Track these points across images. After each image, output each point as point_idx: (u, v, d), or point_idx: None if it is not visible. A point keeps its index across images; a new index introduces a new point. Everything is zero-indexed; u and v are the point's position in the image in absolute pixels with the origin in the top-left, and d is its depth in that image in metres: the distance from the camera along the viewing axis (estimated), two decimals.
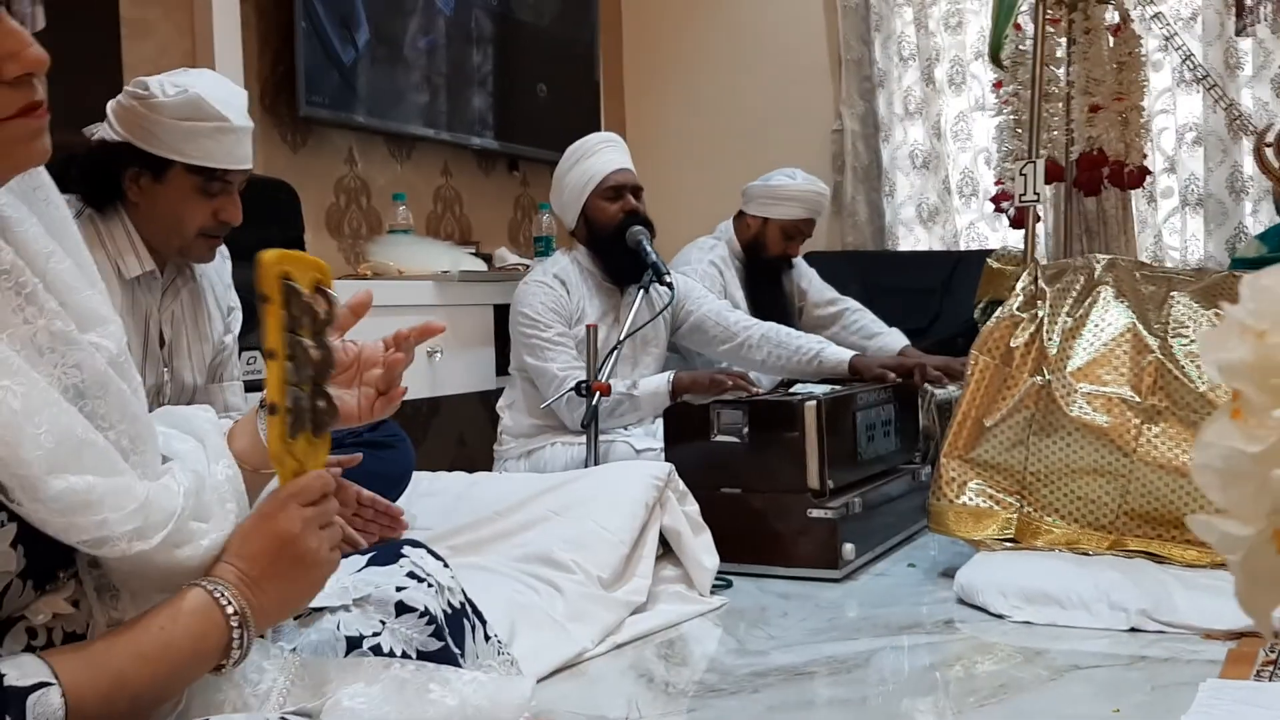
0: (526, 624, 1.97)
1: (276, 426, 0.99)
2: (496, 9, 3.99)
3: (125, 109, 1.94)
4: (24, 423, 0.82)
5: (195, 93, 1.91)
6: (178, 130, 1.91)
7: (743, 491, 2.60)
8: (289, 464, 1.00)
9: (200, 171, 1.94)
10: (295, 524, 0.97)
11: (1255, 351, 0.40)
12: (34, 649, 0.90)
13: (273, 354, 0.99)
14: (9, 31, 0.87)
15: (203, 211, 1.97)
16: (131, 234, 1.98)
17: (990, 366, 2.43)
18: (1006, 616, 2.16)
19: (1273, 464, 0.39)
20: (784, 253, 3.53)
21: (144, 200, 1.96)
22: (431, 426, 3.83)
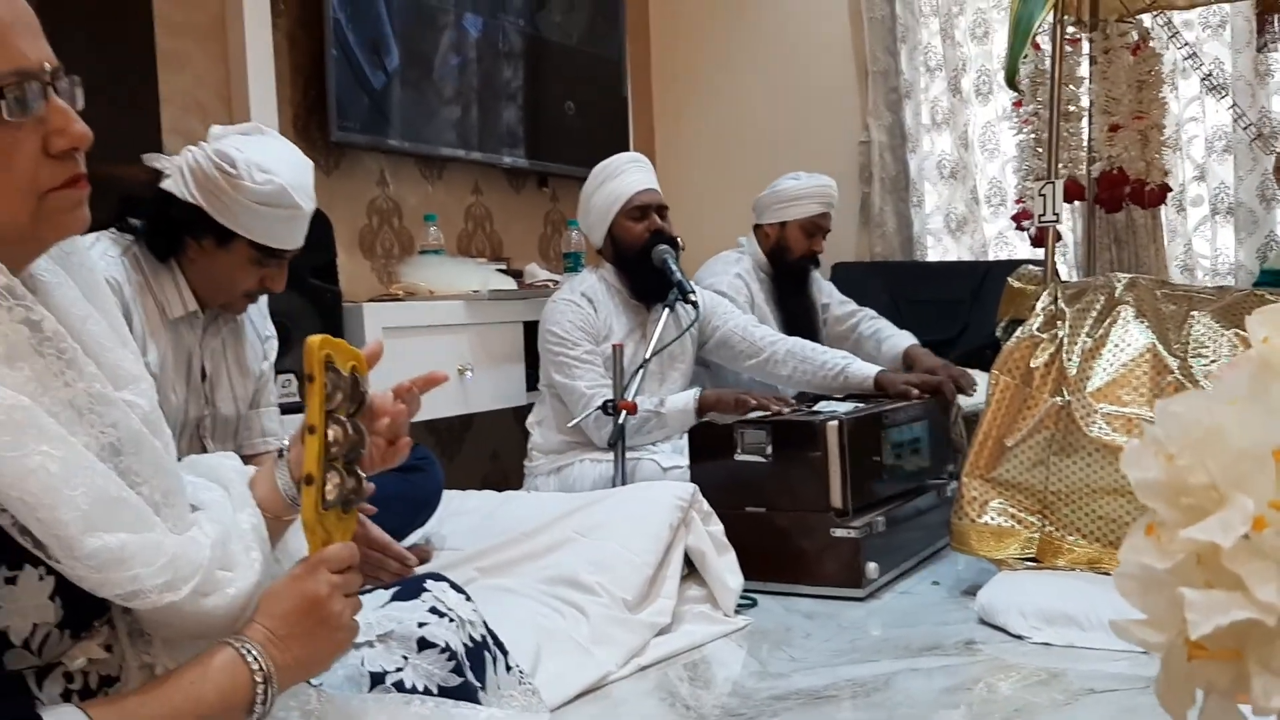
0: (551, 648, 2.01)
1: (311, 497, 1.05)
2: (524, 29, 4.05)
3: (206, 176, 1.96)
4: (61, 485, 0.87)
5: (281, 184, 1.96)
6: (254, 212, 1.97)
7: (767, 511, 2.63)
8: (319, 534, 1.06)
9: (262, 248, 2.01)
10: (323, 588, 1.03)
11: (1166, 472, 0.43)
12: (71, 693, 0.95)
13: (313, 429, 1.06)
14: (56, 110, 0.93)
15: (253, 278, 2.06)
16: (179, 280, 2.05)
17: (1011, 386, 2.45)
18: (1026, 637, 2.18)
19: (1182, 579, 0.43)
20: (808, 251, 3.56)
21: (201, 258, 2.03)
22: (464, 442, 3.89)
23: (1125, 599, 0.46)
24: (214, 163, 1.96)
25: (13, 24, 0.91)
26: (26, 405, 0.87)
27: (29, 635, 0.91)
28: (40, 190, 0.93)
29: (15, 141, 0.91)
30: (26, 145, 0.91)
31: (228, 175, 1.95)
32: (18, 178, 0.92)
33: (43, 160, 0.93)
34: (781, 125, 4.62)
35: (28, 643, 0.91)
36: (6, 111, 0.89)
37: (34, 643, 0.91)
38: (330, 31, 3.23)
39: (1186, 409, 0.45)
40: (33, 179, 0.92)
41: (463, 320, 3.29)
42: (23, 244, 0.95)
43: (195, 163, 1.98)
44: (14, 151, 0.91)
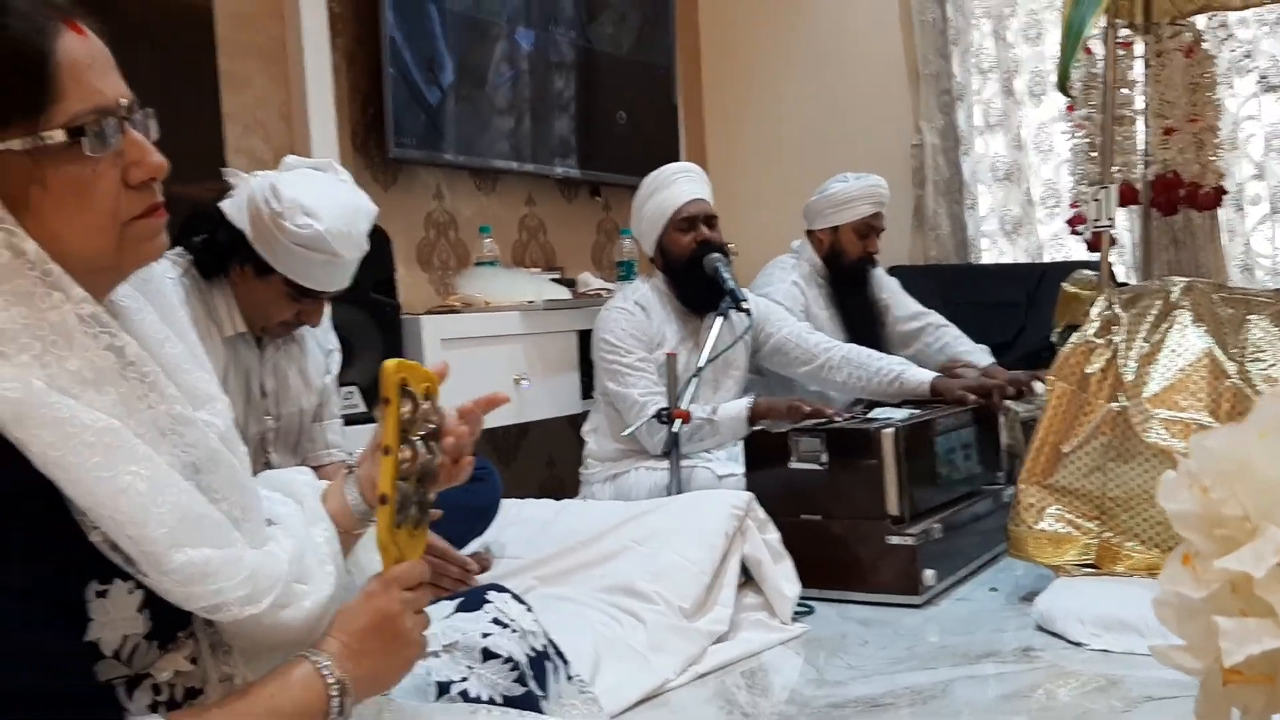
0: (610, 656, 2.05)
1: (385, 516, 1.09)
2: (575, 41, 4.09)
3: (257, 207, 1.99)
4: (149, 503, 0.92)
5: (319, 230, 1.97)
6: (292, 252, 2.00)
7: (823, 518, 2.64)
8: (391, 552, 1.09)
9: (297, 286, 2.05)
10: (395, 604, 1.07)
11: (1201, 505, 0.45)
12: (159, 704, 1.00)
13: (388, 450, 1.09)
14: (133, 142, 0.98)
15: (288, 310, 2.10)
16: (229, 300, 2.10)
17: (1067, 392, 2.44)
18: (1085, 644, 2.17)
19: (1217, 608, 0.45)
20: (864, 253, 3.55)
21: (242, 283, 2.09)
22: (521, 450, 3.94)
23: (1164, 626, 0.49)
24: (265, 194, 1.99)
25: (90, 64, 0.96)
26: (116, 428, 0.92)
27: (119, 646, 0.95)
28: (122, 220, 0.98)
29: (96, 175, 0.95)
30: (107, 178, 0.96)
31: (272, 210, 1.97)
32: (101, 209, 0.96)
33: (123, 191, 0.98)
34: (833, 130, 4.62)
35: (118, 653, 0.95)
36: (88, 148, 0.94)
37: (124, 653, 0.96)
38: (387, 50, 3.30)
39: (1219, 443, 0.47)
40: (114, 209, 0.97)
41: (518, 330, 3.34)
42: (107, 273, 1.00)
43: (253, 190, 2.01)
44: (95, 184, 0.95)
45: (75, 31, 0.95)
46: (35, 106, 0.92)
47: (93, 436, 0.90)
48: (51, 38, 0.93)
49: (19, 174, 0.93)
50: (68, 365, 0.92)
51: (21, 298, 0.91)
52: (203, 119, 2.94)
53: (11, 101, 0.92)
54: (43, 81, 0.92)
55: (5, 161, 0.92)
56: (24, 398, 0.88)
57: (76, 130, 0.93)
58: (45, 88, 0.92)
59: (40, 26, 0.93)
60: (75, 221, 0.95)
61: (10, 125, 0.92)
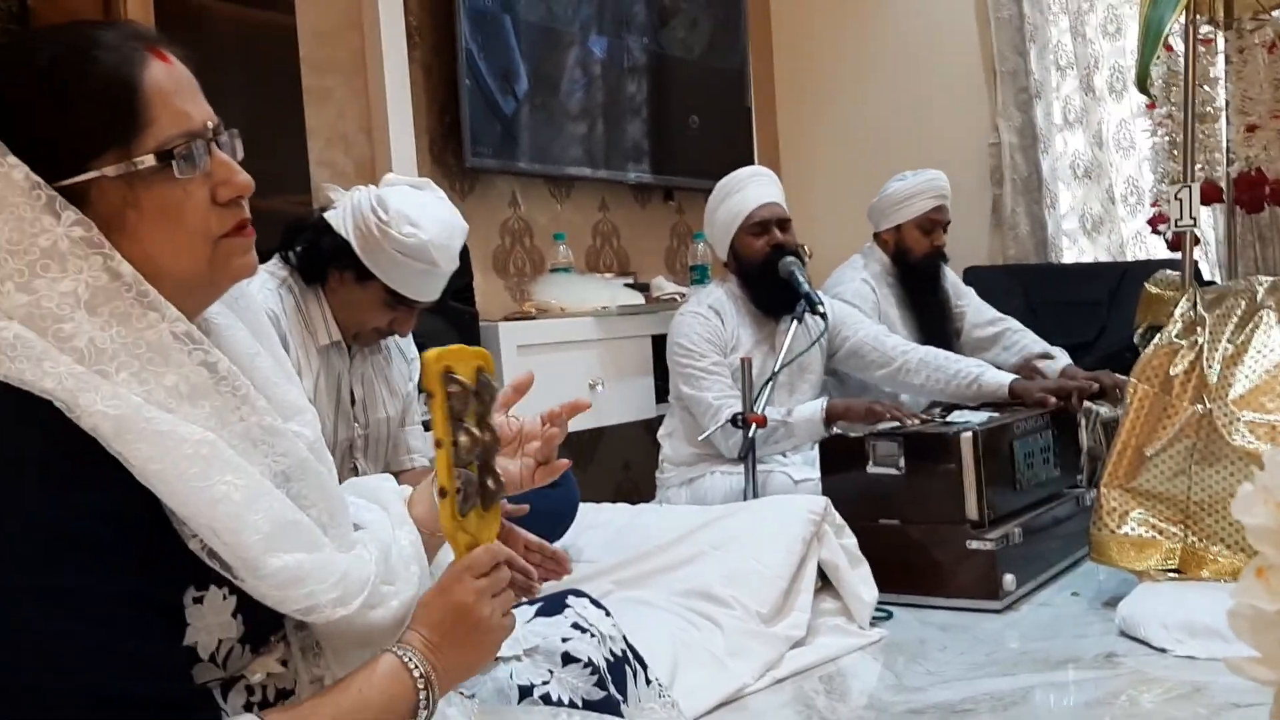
0: (688, 660, 2.06)
1: (447, 508, 1.10)
2: (648, 46, 4.12)
3: (362, 216, 2.09)
4: (244, 512, 0.96)
5: (424, 240, 2.06)
6: (394, 261, 2.08)
7: (900, 523, 2.63)
8: (462, 539, 1.10)
9: (395, 294, 2.13)
10: (469, 595, 1.09)
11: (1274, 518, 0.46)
12: (252, 704, 1.04)
13: (439, 443, 1.10)
14: (220, 162, 1.03)
15: (383, 318, 2.17)
16: (324, 308, 2.17)
17: (1149, 395, 2.40)
18: (1169, 650, 2.14)
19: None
20: (930, 249, 3.52)
21: (341, 289, 2.16)
22: (596, 453, 3.98)
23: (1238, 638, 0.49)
24: (371, 205, 2.08)
25: (176, 90, 1.00)
26: (212, 439, 0.96)
27: (214, 650, 0.99)
28: (213, 237, 1.02)
29: (186, 195, 1.00)
30: (196, 197, 1.00)
31: (379, 220, 2.06)
32: (193, 228, 1.01)
33: (212, 209, 1.02)
34: (908, 129, 4.58)
35: (213, 657, 0.99)
36: (177, 170, 0.98)
37: (219, 657, 1.00)
38: (463, 62, 3.36)
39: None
40: (205, 227, 1.01)
41: (593, 336, 3.38)
42: (201, 290, 1.04)
43: (358, 202, 2.11)
44: (186, 204, 1.00)
45: (161, 60, 1.00)
46: (127, 134, 0.97)
47: (190, 449, 0.94)
48: (139, 67, 0.98)
49: (114, 198, 0.97)
50: (164, 381, 0.97)
51: (120, 318, 0.96)
52: (288, 134, 3.02)
53: (105, 130, 0.97)
54: (133, 110, 0.97)
55: (101, 187, 0.97)
56: (125, 413, 0.92)
57: (166, 154, 0.98)
58: (135, 115, 0.97)
59: (128, 57, 0.98)
60: (169, 241, 1.00)
61: (105, 153, 0.97)
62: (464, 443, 1.11)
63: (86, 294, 0.95)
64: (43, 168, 0.96)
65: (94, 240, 0.96)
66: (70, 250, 0.95)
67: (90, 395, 0.92)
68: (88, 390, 0.92)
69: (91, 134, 0.96)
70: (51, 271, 0.94)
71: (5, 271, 0.94)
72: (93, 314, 0.95)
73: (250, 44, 2.96)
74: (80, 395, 0.91)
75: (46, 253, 0.94)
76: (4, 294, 0.93)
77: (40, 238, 0.94)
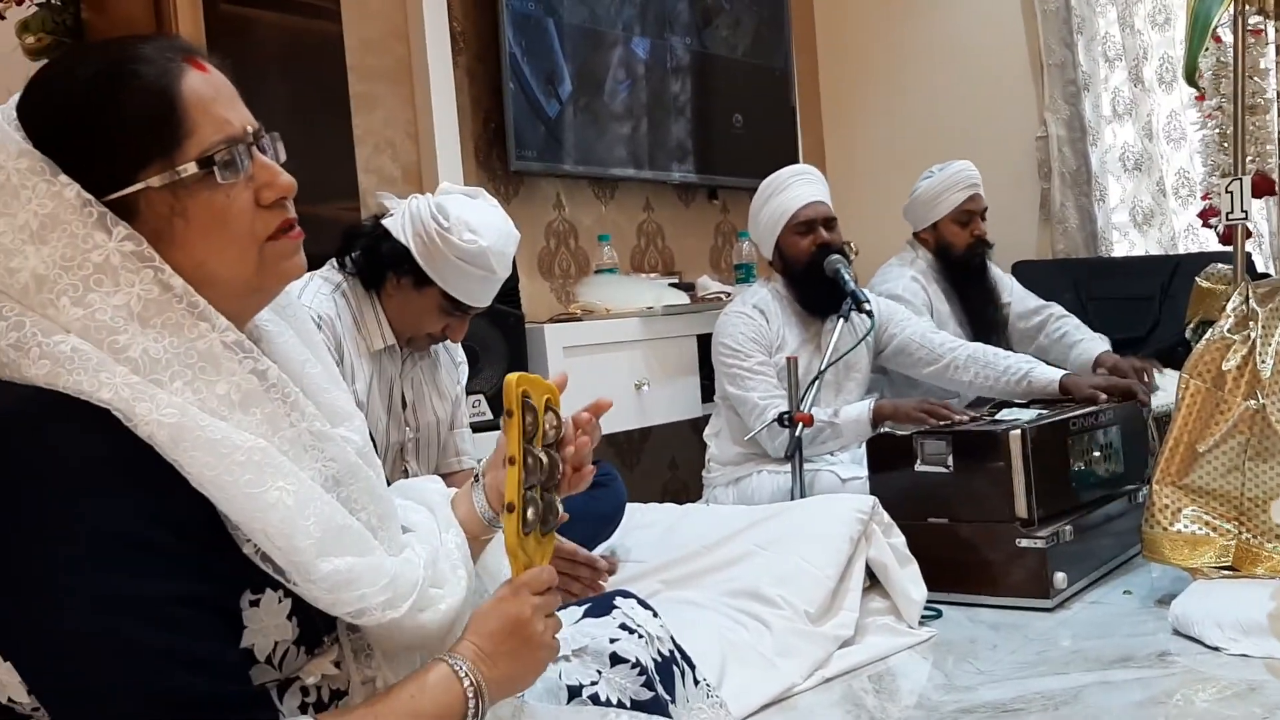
0: (736, 660, 2.07)
1: (513, 524, 1.14)
2: (691, 46, 4.12)
3: (422, 223, 2.14)
4: (296, 517, 0.98)
5: (484, 246, 2.12)
6: (454, 267, 2.13)
7: (949, 521, 2.62)
8: (520, 558, 1.14)
9: (452, 300, 2.17)
10: (526, 609, 1.12)
11: None
12: (307, 705, 1.06)
13: (512, 460, 1.14)
14: (263, 165, 1.05)
15: (438, 324, 2.22)
16: (379, 313, 2.21)
17: (1201, 390, 2.37)
18: (1223, 649, 2.11)
19: None
20: (971, 239, 3.49)
21: (398, 295, 2.20)
22: (643, 453, 3.99)
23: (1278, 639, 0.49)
24: (431, 212, 2.12)
25: (215, 97, 1.03)
26: (264, 446, 0.98)
27: (271, 652, 1.02)
28: (259, 239, 1.04)
29: (230, 200, 1.02)
30: (240, 200, 1.03)
31: (440, 227, 2.11)
32: (239, 231, 1.03)
33: (257, 212, 1.04)
34: (954, 125, 4.54)
35: (270, 658, 1.02)
36: (220, 175, 1.01)
37: (275, 659, 1.02)
38: (507, 66, 3.38)
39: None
40: (250, 230, 1.04)
41: (638, 336, 3.39)
42: (250, 296, 1.07)
43: (416, 209, 2.15)
44: (231, 208, 1.02)
45: (198, 69, 1.03)
46: (169, 144, 0.99)
47: (243, 456, 0.96)
48: (177, 78, 1.01)
49: (162, 209, 1.00)
50: (216, 390, 0.99)
51: (171, 329, 0.98)
52: (336, 141, 3.07)
53: (148, 142, 0.99)
54: (173, 120, 1.00)
55: (149, 199, 1.00)
56: (180, 422, 0.95)
57: (208, 161, 1.00)
58: (176, 125, 1.00)
59: (166, 69, 1.01)
60: (217, 247, 1.02)
61: (149, 165, 0.99)
62: (532, 465, 1.16)
63: (139, 306, 0.97)
64: (91, 183, 0.98)
65: (144, 254, 0.98)
66: (122, 264, 0.97)
67: (146, 405, 0.94)
68: (144, 400, 0.94)
69: (135, 147, 0.99)
70: (105, 286, 0.97)
71: (60, 287, 0.96)
72: (145, 325, 0.97)
73: (298, 53, 3.00)
74: (137, 405, 0.94)
75: (99, 267, 0.97)
76: (60, 308, 0.96)
77: (93, 253, 0.97)
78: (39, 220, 0.97)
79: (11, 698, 0.95)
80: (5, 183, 0.98)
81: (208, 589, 0.95)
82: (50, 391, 0.94)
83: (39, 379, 0.94)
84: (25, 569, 0.89)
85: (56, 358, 0.94)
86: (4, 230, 0.97)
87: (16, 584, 0.90)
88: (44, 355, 0.95)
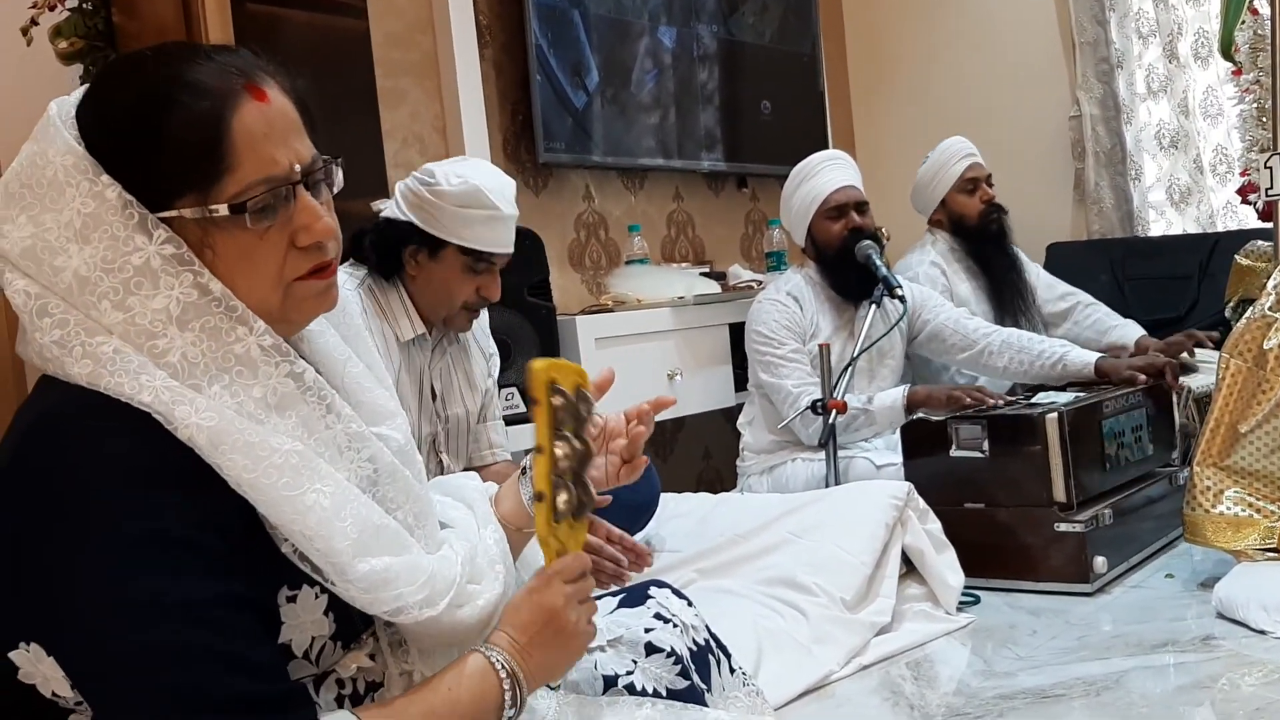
0: (772, 648, 2.06)
1: (543, 512, 1.14)
2: (717, 34, 4.10)
3: (413, 193, 2.16)
4: (333, 518, 0.99)
5: (475, 184, 2.12)
6: (456, 216, 2.12)
7: (986, 506, 2.59)
8: (553, 545, 1.14)
9: (470, 253, 2.16)
10: (559, 598, 1.12)
11: None
12: (343, 698, 1.07)
13: (540, 449, 1.14)
14: (304, 208, 1.02)
15: (468, 287, 2.19)
16: (406, 302, 2.21)
17: (1242, 370, 2.34)
18: (1269, 632, 2.08)
19: None
20: (982, 206, 3.46)
21: (420, 274, 2.19)
22: (677, 443, 3.99)
23: None
24: (418, 179, 2.16)
25: (267, 134, 1.00)
26: (300, 449, 0.99)
27: (308, 647, 1.02)
28: (286, 280, 1.03)
29: (262, 241, 1.00)
30: (272, 242, 1.01)
31: (429, 185, 2.13)
32: (265, 272, 1.02)
33: (290, 252, 1.02)
34: (985, 106, 4.50)
35: (307, 654, 1.03)
36: (250, 221, 0.99)
37: (312, 654, 1.03)
38: (533, 58, 3.38)
39: None
40: (279, 271, 1.02)
41: (670, 326, 3.38)
42: (277, 325, 1.04)
43: (404, 186, 2.19)
44: (260, 249, 1.01)
45: (257, 99, 0.99)
46: (207, 179, 0.98)
47: (280, 458, 0.97)
48: (230, 109, 0.98)
49: (193, 237, 0.99)
50: (253, 393, 1.00)
51: (210, 333, 0.99)
52: (364, 137, 3.08)
53: (188, 172, 0.98)
54: (216, 155, 0.97)
55: (182, 224, 0.99)
56: (218, 425, 0.95)
57: (240, 206, 0.98)
58: (219, 160, 0.97)
59: (222, 98, 0.98)
60: (243, 280, 1.01)
61: (185, 194, 0.98)
62: (562, 452, 1.15)
63: (178, 310, 0.98)
64: (134, 194, 0.98)
65: (184, 258, 0.98)
66: (162, 268, 0.98)
67: (185, 408, 0.95)
68: (183, 403, 0.95)
69: (174, 174, 0.98)
70: (144, 289, 0.97)
71: (102, 289, 0.97)
72: (184, 329, 0.98)
73: (325, 50, 3.01)
74: (176, 408, 0.94)
75: (139, 270, 0.97)
76: (102, 311, 0.97)
77: (133, 256, 0.97)
78: (82, 219, 0.97)
79: (56, 691, 0.96)
80: (53, 179, 0.98)
81: (247, 589, 0.95)
82: (93, 392, 0.95)
83: (81, 378, 0.95)
84: (67, 569, 0.90)
85: (98, 358, 0.95)
86: (50, 226, 0.98)
87: (59, 583, 0.91)
88: (86, 355, 0.95)
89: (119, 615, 0.89)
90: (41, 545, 0.91)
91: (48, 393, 0.98)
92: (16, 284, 0.98)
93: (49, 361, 0.97)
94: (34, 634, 0.95)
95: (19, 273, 0.98)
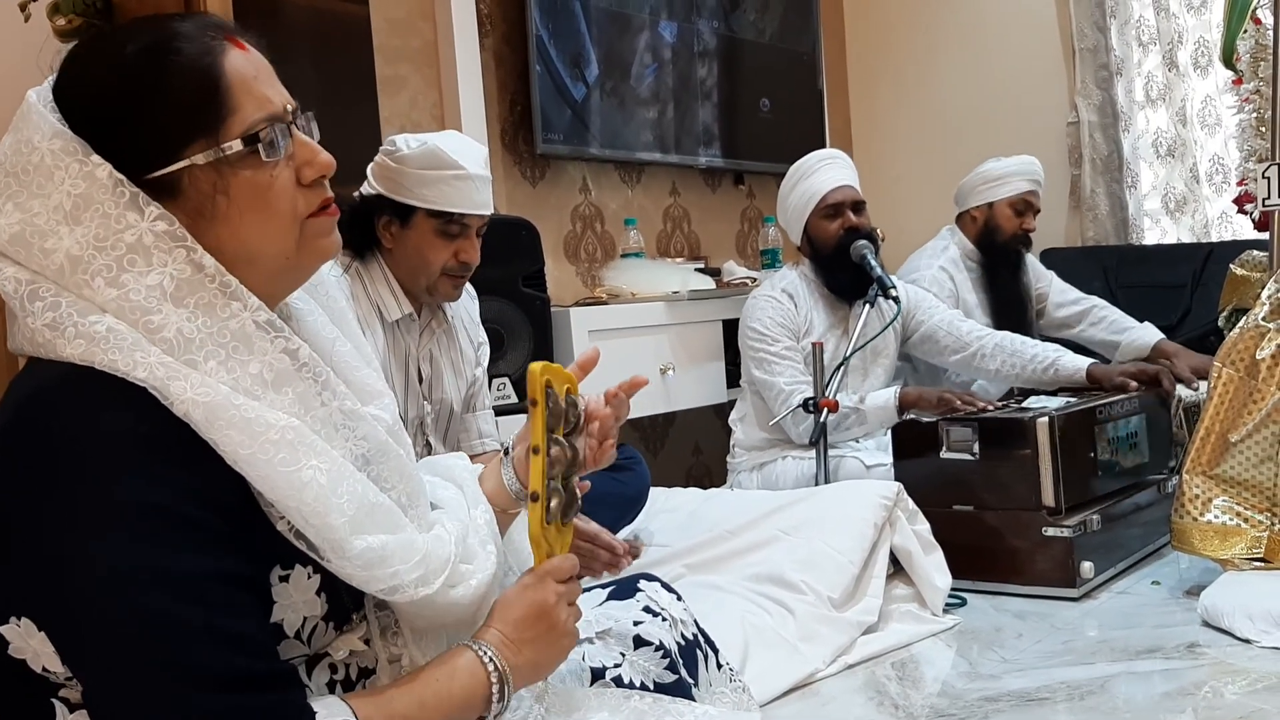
0: (759, 644, 2.06)
1: (536, 513, 1.15)
2: (718, 29, 4.10)
3: (378, 165, 2.19)
4: (329, 494, 0.98)
5: (434, 145, 2.13)
6: (419, 179, 2.13)
7: (975, 509, 2.60)
8: (544, 546, 1.15)
9: (439, 215, 2.15)
10: (550, 596, 1.13)
11: None
12: (335, 682, 1.07)
13: (536, 450, 1.15)
14: (303, 143, 1.05)
15: (444, 252, 2.17)
16: (389, 279, 2.20)
17: (1234, 379, 2.34)
18: (1254, 641, 2.09)
19: None
20: (1019, 230, 3.46)
21: (395, 245, 2.19)
22: (668, 438, 3.99)
23: None
24: (382, 150, 2.18)
25: (256, 76, 1.03)
26: (296, 425, 0.98)
27: (300, 627, 1.02)
28: (300, 216, 1.05)
29: (273, 178, 1.02)
30: (282, 178, 1.03)
31: (390, 153, 2.15)
32: (281, 209, 1.03)
33: (298, 190, 1.04)
34: (983, 110, 4.51)
35: (299, 634, 1.02)
36: (264, 154, 1.01)
37: (304, 634, 1.03)
38: (534, 48, 3.37)
39: None
40: (292, 207, 1.04)
41: (664, 321, 3.38)
42: (288, 274, 1.07)
43: (374, 162, 2.21)
44: (273, 186, 1.02)
45: (239, 48, 1.03)
46: (214, 122, 0.99)
47: (276, 435, 0.96)
48: (219, 56, 1.01)
49: (205, 186, 1.00)
50: (249, 369, 0.99)
51: (204, 309, 0.98)
52: (362, 123, 3.06)
53: (192, 120, 0.99)
54: (217, 98, 1.00)
55: (193, 176, 0.99)
56: (214, 401, 0.95)
57: (253, 138, 1.00)
58: (220, 103, 1.00)
59: (208, 47, 1.01)
60: (260, 223, 1.02)
61: (194, 142, 0.99)
62: (555, 454, 1.17)
63: (172, 286, 0.97)
64: (135, 161, 0.98)
65: (177, 234, 0.98)
66: (155, 244, 0.97)
67: (181, 384, 0.94)
68: (178, 379, 0.94)
69: (179, 125, 0.99)
70: (138, 266, 0.97)
71: (95, 267, 0.97)
72: (179, 305, 0.97)
73: (325, 34, 3.00)
74: (171, 384, 0.94)
75: (132, 247, 0.97)
76: (95, 289, 0.96)
77: (126, 233, 0.97)
78: (72, 201, 0.97)
79: (46, 667, 0.96)
80: (40, 164, 0.98)
81: (242, 565, 0.95)
82: (87, 368, 0.94)
83: (74, 358, 0.95)
84: (62, 542, 0.90)
85: (92, 337, 0.95)
86: (39, 211, 0.97)
87: (53, 557, 0.90)
88: (79, 335, 0.95)
89: (113, 588, 0.89)
90: (34, 518, 0.91)
91: (43, 369, 0.97)
92: (5, 271, 0.98)
93: (41, 346, 0.97)
94: (25, 608, 0.94)
95: (7, 260, 0.98)
